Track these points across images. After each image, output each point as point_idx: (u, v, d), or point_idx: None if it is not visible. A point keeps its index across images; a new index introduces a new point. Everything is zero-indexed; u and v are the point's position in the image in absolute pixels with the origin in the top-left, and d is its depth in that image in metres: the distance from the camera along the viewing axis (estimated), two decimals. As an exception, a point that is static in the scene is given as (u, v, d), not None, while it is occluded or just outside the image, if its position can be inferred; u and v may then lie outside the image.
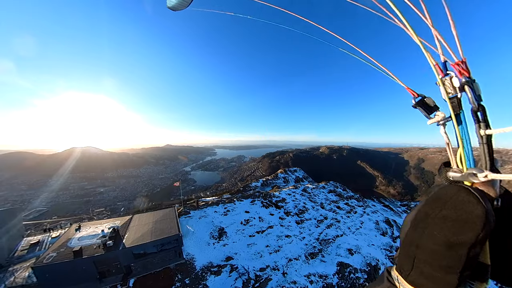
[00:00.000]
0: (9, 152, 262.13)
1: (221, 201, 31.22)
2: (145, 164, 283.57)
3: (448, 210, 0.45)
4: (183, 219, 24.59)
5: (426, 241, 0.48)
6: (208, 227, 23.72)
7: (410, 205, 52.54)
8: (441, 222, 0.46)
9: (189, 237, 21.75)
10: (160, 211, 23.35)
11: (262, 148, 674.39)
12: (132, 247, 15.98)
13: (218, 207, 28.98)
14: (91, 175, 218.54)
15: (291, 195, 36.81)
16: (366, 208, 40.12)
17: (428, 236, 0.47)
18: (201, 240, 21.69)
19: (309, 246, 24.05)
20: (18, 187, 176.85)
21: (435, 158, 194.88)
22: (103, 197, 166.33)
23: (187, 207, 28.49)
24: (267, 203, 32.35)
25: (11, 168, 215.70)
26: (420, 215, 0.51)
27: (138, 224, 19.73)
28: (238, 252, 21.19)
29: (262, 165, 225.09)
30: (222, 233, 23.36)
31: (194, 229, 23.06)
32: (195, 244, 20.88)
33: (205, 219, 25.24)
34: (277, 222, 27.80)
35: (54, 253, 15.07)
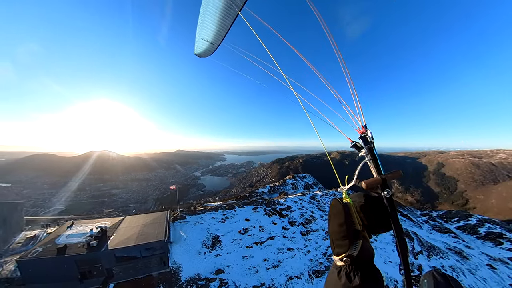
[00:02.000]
0: (35, 154, 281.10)
1: (221, 207, 29.78)
2: (157, 168, 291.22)
3: (334, 209, 0.95)
4: (177, 224, 23.51)
5: (332, 228, 0.93)
6: (202, 234, 22.26)
7: (432, 214, 45.40)
8: (333, 216, 0.94)
9: (179, 243, 20.35)
10: (152, 214, 22.71)
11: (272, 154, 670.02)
12: (114, 250, 15.38)
13: (217, 213, 27.51)
14: (107, 177, 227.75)
15: (297, 202, 34.47)
16: None
17: (332, 225, 0.93)
18: (192, 248, 20.21)
19: (314, 262, 21.42)
20: (41, 186, 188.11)
21: (456, 163, 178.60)
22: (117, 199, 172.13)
23: (184, 211, 27.46)
24: (270, 211, 30.37)
25: (35, 169, 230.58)
26: (328, 217, 0.99)
27: (127, 226, 19.19)
28: (231, 265, 19.32)
29: (272, 171, 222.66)
30: (216, 241, 21.77)
31: (187, 236, 21.73)
32: (185, 252, 19.45)
33: (200, 225, 23.88)
34: (279, 232, 25.60)
35: (40, 249, 14.96)
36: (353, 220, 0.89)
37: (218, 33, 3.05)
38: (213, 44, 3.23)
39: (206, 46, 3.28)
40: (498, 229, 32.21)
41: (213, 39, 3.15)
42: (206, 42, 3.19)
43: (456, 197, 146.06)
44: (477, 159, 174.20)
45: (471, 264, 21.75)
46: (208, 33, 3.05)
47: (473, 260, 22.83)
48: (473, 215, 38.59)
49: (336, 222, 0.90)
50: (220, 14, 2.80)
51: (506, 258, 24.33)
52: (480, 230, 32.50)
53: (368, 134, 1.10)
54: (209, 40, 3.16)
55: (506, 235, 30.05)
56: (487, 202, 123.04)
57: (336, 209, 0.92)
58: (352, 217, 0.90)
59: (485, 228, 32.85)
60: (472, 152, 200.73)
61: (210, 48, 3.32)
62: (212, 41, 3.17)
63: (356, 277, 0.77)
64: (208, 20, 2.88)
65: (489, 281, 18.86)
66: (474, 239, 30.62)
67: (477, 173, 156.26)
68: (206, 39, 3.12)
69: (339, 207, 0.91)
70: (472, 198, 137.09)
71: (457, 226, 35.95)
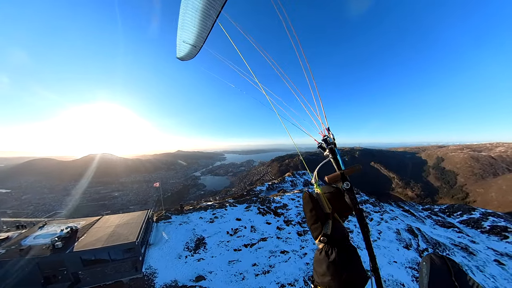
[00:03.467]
0: (34, 159, 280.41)
1: (211, 206, 28.09)
2: (157, 170, 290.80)
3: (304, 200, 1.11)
4: (161, 225, 22.04)
5: (306, 215, 1.09)
6: (186, 236, 20.47)
7: (434, 208, 44.63)
8: (305, 205, 1.10)
9: (159, 246, 18.70)
10: (130, 213, 21.07)
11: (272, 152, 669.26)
12: (80, 252, 14.04)
13: (206, 212, 25.79)
14: (107, 180, 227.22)
15: (294, 200, 32.95)
16: (383, 214, 35.27)
17: (305, 213, 1.09)
18: (173, 251, 18.36)
19: (311, 267, 19.07)
20: (41, 190, 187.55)
21: (456, 157, 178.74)
22: (117, 201, 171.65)
23: (170, 211, 25.92)
24: (265, 209, 28.63)
25: (35, 174, 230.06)
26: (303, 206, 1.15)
27: (101, 226, 17.85)
28: (214, 271, 17.31)
29: (272, 169, 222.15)
30: (201, 244, 19.90)
31: (169, 237, 19.97)
32: (164, 256, 17.65)
33: (186, 225, 22.19)
34: (273, 233, 23.71)
35: (3, 250, 13.92)
36: (322, 205, 1.06)
37: (200, 35, 2.93)
38: (195, 47, 3.13)
39: (188, 49, 3.19)
40: (503, 222, 31.34)
41: (195, 42, 3.03)
42: (187, 45, 3.10)
43: (456, 191, 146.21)
44: (477, 153, 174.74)
45: (478, 260, 20.93)
46: (189, 35, 2.95)
47: (479, 256, 21.95)
48: (476, 209, 37.73)
49: (307, 209, 1.06)
50: (200, 16, 2.67)
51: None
52: (484, 224, 31.63)
53: (329, 136, 1.26)
54: (191, 43, 3.05)
55: (511, 228, 29.14)
56: (487, 196, 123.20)
57: (306, 199, 1.09)
58: (321, 202, 1.07)
59: (489, 222, 31.96)
60: (471, 146, 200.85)
61: (192, 51, 3.22)
62: (193, 43, 3.05)
63: (333, 252, 0.90)
64: (188, 22, 2.76)
65: (498, 278, 18.07)
66: (478, 234, 29.77)
67: (477, 167, 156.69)
68: (188, 41, 3.03)
69: (307, 197, 1.09)
70: (472, 192, 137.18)
71: (460, 220, 35.09)
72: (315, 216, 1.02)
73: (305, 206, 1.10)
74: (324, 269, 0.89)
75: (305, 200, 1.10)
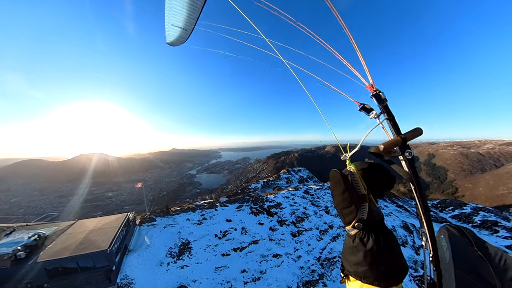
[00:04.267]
0: (23, 160, 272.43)
1: (200, 207, 26.52)
2: (152, 169, 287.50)
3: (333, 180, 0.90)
4: (144, 228, 20.45)
5: (336, 198, 0.91)
6: (171, 240, 18.94)
7: None
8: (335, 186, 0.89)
9: (139, 252, 17.15)
10: (108, 217, 19.63)
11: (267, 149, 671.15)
12: (44, 262, 12.72)
13: (194, 213, 24.24)
14: (100, 180, 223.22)
15: (289, 198, 32.08)
16: None
17: (336, 195, 0.90)
18: (154, 257, 16.85)
19: (306, 271, 17.93)
20: (31, 193, 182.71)
21: (446, 153, 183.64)
22: (111, 201, 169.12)
23: (156, 213, 24.39)
24: (257, 209, 27.25)
25: (24, 175, 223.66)
26: (331, 190, 0.94)
27: (74, 231, 16.42)
28: (199, 280, 15.75)
29: (267, 166, 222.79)
30: (186, 249, 18.27)
31: (151, 242, 18.38)
32: (143, 263, 16.12)
33: (171, 229, 20.61)
34: (265, 234, 22.18)
35: None
36: (357, 185, 0.88)
37: (190, 17, 2.61)
38: (186, 30, 2.80)
39: (178, 33, 2.86)
40: (493, 217, 31.87)
41: (185, 24, 2.71)
42: (177, 29, 2.79)
43: (446, 186, 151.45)
44: (466, 150, 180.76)
45: None
46: (178, 18, 2.63)
47: None
48: (467, 204, 38.35)
49: (338, 191, 0.88)
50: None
51: (503, 247, 23.80)
52: (475, 219, 32.07)
53: (381, 92, 1.00)
54: (181, 26, 2.74)
55: (501, 223, 29.67)
56: (475, 190, 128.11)
57: (335, 179, 0.89)
58: (356, 182, 0.89)
59: (480, 217, 32.44)
60: (461, 143, 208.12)
61: (183, 34, 2.88)
62: (184, 26, 2.73)
63: (370, 239, 0.79)
64: (176, 2, 2.44)
65: None
66: (470, 228, 30.23)
67: (466, 163, 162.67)
68: (177, 25, 2.72)
69: (337, 177, 0.88)
70: (461, 187, 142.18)
71: (452, 215, 35.54)
72: (348, 199, 0.85)
73: (335, 187, 0.90)
74: (359, 258, 0.80)
75: (334, 180, 0.89)
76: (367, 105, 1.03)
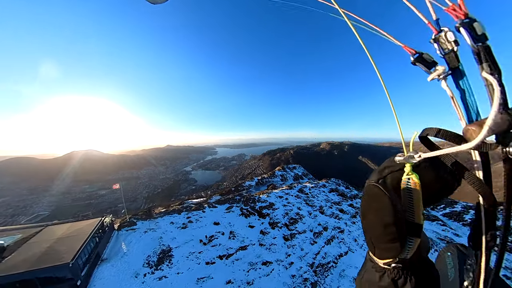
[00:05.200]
0: (10, 158, 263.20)
1: (186, 208, 24.84)
2: (146, 166, 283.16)
3: (374, 201, 0.60)
4: (123, 233, 18.69)
5: (371, 226, 0.63)
6: (150, 247, 17.18)
7: None
8: (374, 211, 0.60)
9: (114, 261, 15.31)
10: (80, 222, 17.91)
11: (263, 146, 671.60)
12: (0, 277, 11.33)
13: (179, 216, 22.73)
14: (92, 178, 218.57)
15: (282, 197, 30.91)
16: None
17: (370, 223, 0.63)
18: (129, 268, 14.94)
19: (298, 279, 16.54)
20: (20, 192, 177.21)
21: None
22: (104, 200, 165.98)
23: (137, 215, 22.65)
24: (248, 210, 25.59)
25: (12, 174, 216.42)
26: (361, 208, 0.68)
27: (39, 240, 14.82)
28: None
29: (263, 163, 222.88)
30: (166, 257, 16.48)
31: (128, 249, 16.54)
32: (116, 275, 14.20)
33: (152, 233, 18.88)
34: (255, 239, 20.57)
35: None
36: (412, 210, 0.57)
37: None
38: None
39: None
40: (483, 214, 32.56)
41: None
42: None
43: None
44: None
45: None
46: None
47: None
48: (458, 202, 38.98)
49: (378, 220, 0.59)
50: None
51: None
52: (466, 217, 32.60)
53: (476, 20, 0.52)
54: None
55: (491, 221, 30.27)
56: (464, 188, 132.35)
57: (378, 202, 0.58)
58: (412, 206, 0.57)
59: (470, 215, 33.02)
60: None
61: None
62: None
63: (408, 283, 0.57)
64: None
65: None
66: (460, 226, 30.60)
67: None
68: None
69: (382, 199, 0.57)
70: None
71: (444, 213, 36.04)
72: (393, 235, 0.56)
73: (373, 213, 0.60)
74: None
75: (375, 203, 0.59)
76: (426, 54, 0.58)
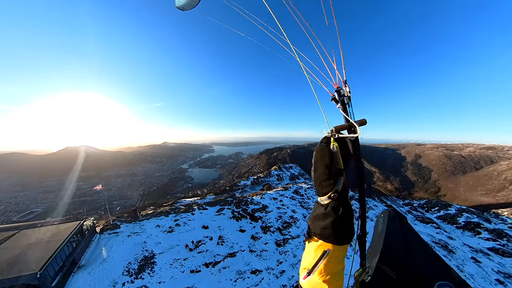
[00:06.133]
0: (3, 153, 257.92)
1: (175, 210, 23.56)
2: (142, 163, 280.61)
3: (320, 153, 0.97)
4: (105, 237, 17.40)
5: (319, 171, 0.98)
6: (132, 252, 15.85)
7: (413, 203, 46.00)
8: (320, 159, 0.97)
9: (91, 268, 13.95)
10: (60, 225, 16.33)
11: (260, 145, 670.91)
12: None
13: (166, 219, 21.45)
14: (87, 175, 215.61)
15: (277, 199, 29.47)
16: (368, 211, 34.61)
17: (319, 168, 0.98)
18: (107, 276, 13.55)
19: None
20: (12, 188, 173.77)
21: (431, 154, 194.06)
22: (99, 197, 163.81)
23: (122, 218, 21.34)
24: (240, 213, 24.26)
25: (4, 170, 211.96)
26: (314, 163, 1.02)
27: (11, 245, 13.62)
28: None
29: (260, 161, 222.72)
30: (147, 264, 15.17)
31: (108, 255, 15.25)
32: (92, 284, 12.93)
33: (136, 238, 17.57)
34: (245, 244, 19.27)
35: None
36: (337, 160, 0.98)
37: None
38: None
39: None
40: (476, 219, 32.72)
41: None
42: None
43: (430, 185, 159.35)
44: (449, 152, 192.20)
45: (457, 259, 21.41)
46: None
47: (458, 254, 22.49)
48: (452, 205, 39.36)
49: (322, 165, 0.97)
50: None
51: (486, 249, 24.35)
52: (459, 220, 32.86)
53: (342, 88, 1.20)
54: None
55: (484, 225, 30.49)
56: (456, 190, 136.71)
57: (321, 153, 0.98)
58: (337, 158, 0.97)
59: (463, 218, 33.25)
60: (445, 145, 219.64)
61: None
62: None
63: (341, 209, 0.92)
64: None
65: (476, 277, 18.61)
66: (454, 229, 30.82)
67: (449, 164, 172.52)
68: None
69: (323, 151, 0.97)
70: (444, 187, 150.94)
71: (438, 215, 36.34)
72: (331, 173, 0.95)
73: (319, 161, 0.99)
74: (328, 223, 0.93)
75: (320, 154, 0.98)
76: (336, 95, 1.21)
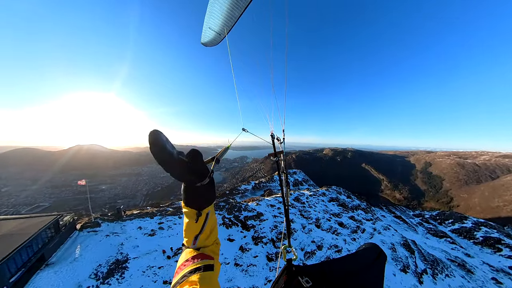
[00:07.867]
0: (17, 148, 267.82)
1: (161, 212, 22.23)
2: (148, 163, 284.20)
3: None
4: (83, 235, 16.65)
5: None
6: (105, 254, 14.73)
7: (425, 215, 41.53)
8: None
9: (59, 267, 13.04)
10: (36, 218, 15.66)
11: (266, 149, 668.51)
12: None
13: (151, 220, 20.31)
14: (94, 172, 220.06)
15: (274, 206, 27.17)
16: (376, 222, 31.06)
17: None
18: (73, 277, 12.54)
19: None
20: (23, 182, 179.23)
21: (443, 162, 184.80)
22: (104, 194, 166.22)
23: (105, 216, 20.53)
24: (231, 220, 22.14)
25: (16, 164, 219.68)
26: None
27: None
28: None
29: (265, 166, 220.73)
30: (118, 269, 13.84)
31: (81, 254, 14.37)
32: (55, 284, 12.12)
33: (114, 238, 16.57)
34: (231, 256, 17.30)
35: None
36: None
37: (226, 24, 3.00)
38: (220, 35, 3.23)
39: (212, 35, 3.28)
40: (496, 233, 29.95)
41: (220, 29, 3.12)
42: (212, 32, 3.19)
43: (441, 195, 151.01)
44: (462, 160, 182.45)
45: (477, 280, 19.22)
46: (216, 22, 3.02)
47: (477, 274, 20.23)
48: (468, 217, 36.51)
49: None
50: (229, 5, 2.73)
51: (507, 268, 21.85)
52: (477, 235, 30.19)
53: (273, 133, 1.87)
54: (216, 30, 3.15)
55: (505, 241, 27.79)
56: (470, 201, 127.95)
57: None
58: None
59: (482, 233, 30.54)
60: (458, 153, 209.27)
61: (217, 38, 3.34)
62: (219, 31, 3.15)
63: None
64: (217, 10, 2.83)
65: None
66: (471, 245, 28.27)
67: (462, 173, 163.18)
68: (213, 29, 3.12)
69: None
70: (456, 197, 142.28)
71: (452, 229, 33.68)
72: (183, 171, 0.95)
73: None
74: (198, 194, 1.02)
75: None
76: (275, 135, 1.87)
